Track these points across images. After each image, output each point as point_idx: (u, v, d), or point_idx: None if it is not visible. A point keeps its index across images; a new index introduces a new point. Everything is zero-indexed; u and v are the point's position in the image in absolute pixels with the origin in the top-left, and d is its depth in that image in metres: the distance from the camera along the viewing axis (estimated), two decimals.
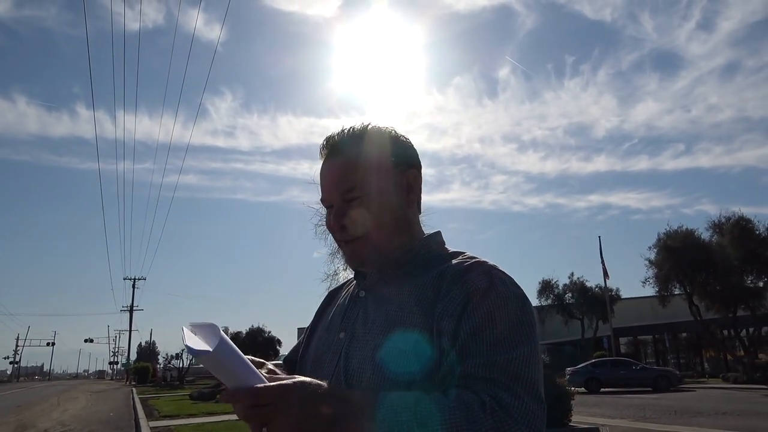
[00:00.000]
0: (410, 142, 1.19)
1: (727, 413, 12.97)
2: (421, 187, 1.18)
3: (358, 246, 1.09)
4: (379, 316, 1.03)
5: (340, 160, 1.09)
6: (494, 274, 0.98)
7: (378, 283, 1.12)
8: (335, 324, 1.14)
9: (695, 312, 28.76)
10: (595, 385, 23.78)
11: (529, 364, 0.88)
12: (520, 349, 0.89)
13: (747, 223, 27.20)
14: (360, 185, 1.07)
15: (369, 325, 1.04)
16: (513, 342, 0.89)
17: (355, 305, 1.12)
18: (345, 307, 1.15)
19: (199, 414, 14.59)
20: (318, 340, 1.17)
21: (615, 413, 13.72)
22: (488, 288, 0.95)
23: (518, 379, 0.86)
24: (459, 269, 1.01)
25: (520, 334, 0.91)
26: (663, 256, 28.59)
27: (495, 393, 0.83)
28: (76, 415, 17.38)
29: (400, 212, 1.12)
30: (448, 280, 0.99)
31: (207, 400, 19.53)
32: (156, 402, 20.19)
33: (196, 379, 45.80)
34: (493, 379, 0.85)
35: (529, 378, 0.87)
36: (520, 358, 0.88)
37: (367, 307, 1.08)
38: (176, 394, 26.35)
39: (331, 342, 1.10)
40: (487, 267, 1.00)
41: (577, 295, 39.52)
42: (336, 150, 1.11)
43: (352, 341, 1.04)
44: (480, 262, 1.02)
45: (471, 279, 0.97)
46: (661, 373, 24.35)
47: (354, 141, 1.11)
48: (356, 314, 1.09)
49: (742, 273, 27.28)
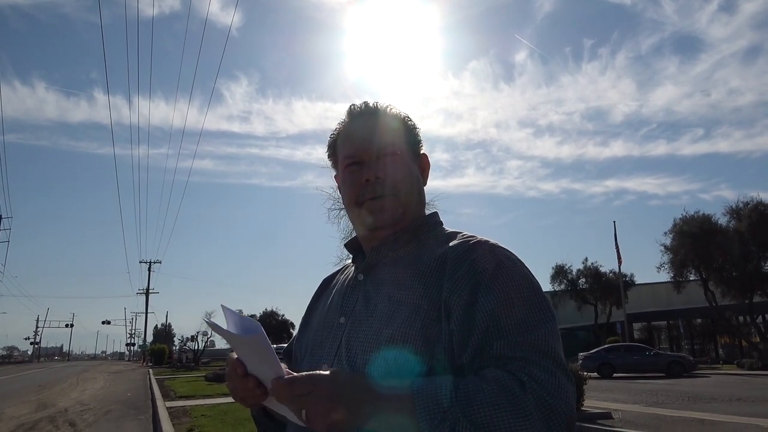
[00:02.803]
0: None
1: (741, 399, 12.87)
2: (428, 174, 1.23)
3: (389, 202, 1.09)
4: (381, 299, 1.02)
5: (380, 121, 1.13)
6: (498, 252, 0.99)
7: (377, 265, 1.10)
8: (334, 309, 1.12)
9: (710, 298, 28.49)
10: (608, 370, 23.75)
11: (555, 340, 0.90)
12: (544, 327, 0.90)
13: (765, 209, 26.75)
14: (398, 147, 1.12)
15: (371, 308, 1.02)
16: (537, 320, 0.90)
17: (355, 289, 1.11)
18: (344, 292, 1.13)
19: (214, 395, 14.79)
20: (317, 325, 1.16)
21: (628, 398, 13.69)
22: (497, 267, 0.95)
23: (549, 356, 0.86)
24: (462, 249, 1.00)
25: (541, 312, 0.92)
26: (679, 241, 28.29)
27: (530, 371, 0.83)
28: (95, 395, 17.74)
29: (420, 187, 1.17)
30: (452, 260, 0.99)
31: (221, 382, 19.81)
32: (172, 383, 20.51)
33: (211, 360, 46.49)
34: (525, 357, 0.85)
35: (557, 354, 0.88)
36: (546, 335, 0.89)
37: (368, 291, 1.07)
38: (192, 375, 26.73)
39: (331, 327, 1.08)
40: (490, 245, 1.01)
41: (590, 281, 39.31)
42: (374, 111, 1.15)
43: (354, 326, 1.03)
44: (482, 241, 1.02)
45: (477, 259, 0.97)
46: (674, 358, 24.21)
47: (388, 110, 1.16)
48: (356, 298, 1.08)
49: (759, 259, 26.93)
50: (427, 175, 1.21)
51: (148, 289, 65.37)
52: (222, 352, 69.01)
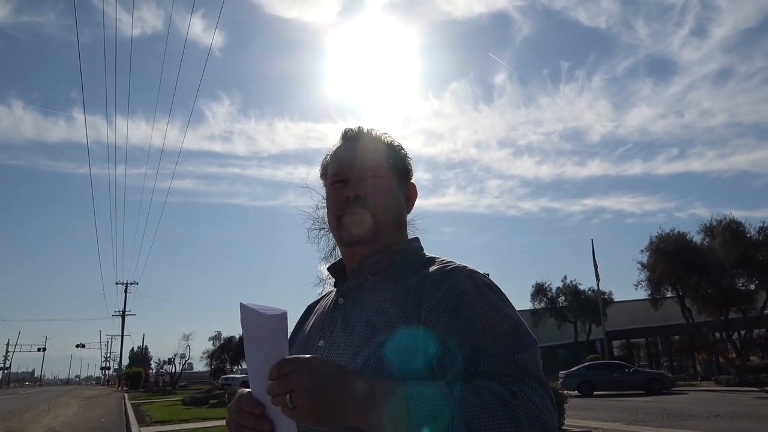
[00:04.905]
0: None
1: (719, 416, 13.01)
2: (413, 204, 1.25)
3: (366, 219, 1.11)
4: (359, 323, 1.03)
5: (368, 145, 1.18)
6: (476, 276, 1.02)
7: (357, 288, 1.12)
8: (314, 333, 1.14)
9: (687, 315, 28.87)
10: (589, 388, 23.83)
11: (539, 363, 0.92)
12: (531, 350, 0.92)
13: (738, 227, 27.34)
14: (383, 170, 1.15)
15: (348, 331, 1.03)
16: (523, 343, 0.92)
17: (334, 312, 1.13)
18: (324, 316, 1.15)
19: (192, 419, 14.48)
20: (296, 350, 1.15)
21: (608, 416, 13.73)
22: (476, 290, 0.97)
23: (535, 378, 0.88)
24: (440, 273, 1.02)
25: (526, 335, 0.94)
26: (655, 259, 28.69)
27: (519, 386, 0.84)
28: (67, 421, 17.20)
29: (401, 211, 1.19)
30: (430, 284, 1.00)
31: (199, 406, 19.40)
32: (148, 407, 20.02)
33: (189, 384, 45.57)
34: (513, 374, 0.86)
35: (543, 378, 0.90)
36: (533, 358, 0.91)
37: (347, 314, 1.08)
38: (168, 399, 26.15)
39: (311, 350, 1.09)
40: (468, 270, 1.03)
41: (570, 299, 39.61)
42: (365, 136, 1.19)
43: (332, 349, 1.04)
44: (460, 266, 1.05)
45: (455, 282, 0.99)
46: (654, 375, 24.43)
47: (381, 137, 1.21)
48: (335, 321, 1.09)
49: (733, 276, 27.42)
50: (412, 204, 1.24)
51: (124, 311, 64.01)
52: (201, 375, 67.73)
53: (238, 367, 54.11)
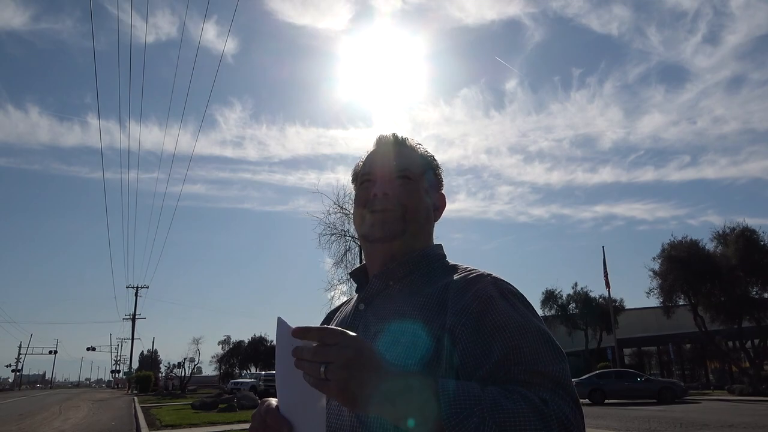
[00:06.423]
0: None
1: (733, 426, 12.83)
2: (441, 213, 1.25)
3: (390, 216, 1.11)
4: (380, 329, 1.02)
5: (401, 150, 1.18)
6: (501, 285, 1.00)
7: (378, 294, 1.11)
8: None
9: (700, 323, 28.57)
10: (599, 396, 23.60)
11: (571, 379, 0.90)
12: (562, 364, 0.90)
13: (752, 234, 27.09)
14: (412, 172, 1.15)
15: (369, 338, 1.02)
16: (555, 357, 0.91)
17: (356, 319, 1.12)
18: (345, 323, 1.14)
19: (201, 424, 14.51)
20: None
21: (620, 425, 13.60)
22: (501, 298, 0.96)
23: (567, 392, 0.87)
24: (464, 281, 1.01)
25: (557, 350, 0.92)
26: (667, 266, 28.46)
27: (551, 396, 0.83)
28: (78, 424, 17.31)
29: (428, 215, 1.18)
30: (454, 291, 0.99)
31: (209, 410, 19.44)
32: (158, 411, 20.08)
33: (198, 388, 45.66)
34: (544, 385, 0.86)
35: (575, 393, 0.88)
36: (564, 372, 0.89)
37: (368, 321, 1.07)
38: (178, 403, 26.22)
39: None
40: (492, 278, 1.02)
41: (580, 306, 39.32)
42: (398, 142, 1.20)
43: None
44: (483, 274, 1.03)
45: (481, 289, 0.97)
46: (665, 384, 24.13)
47: (414, 145, 1.22)
48: (357, 328, 1.07)
49: (746, 284, 27.14)
50: (440, 213, 1.23)
51: (134, 314, 64.41)
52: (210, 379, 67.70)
53: (247, 371, 54.22)
